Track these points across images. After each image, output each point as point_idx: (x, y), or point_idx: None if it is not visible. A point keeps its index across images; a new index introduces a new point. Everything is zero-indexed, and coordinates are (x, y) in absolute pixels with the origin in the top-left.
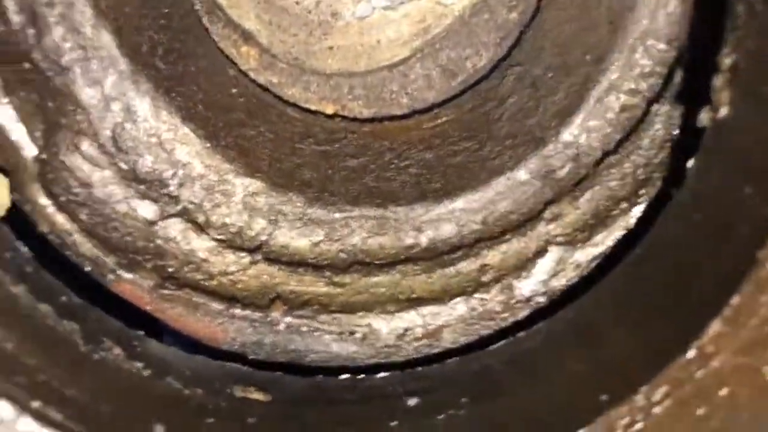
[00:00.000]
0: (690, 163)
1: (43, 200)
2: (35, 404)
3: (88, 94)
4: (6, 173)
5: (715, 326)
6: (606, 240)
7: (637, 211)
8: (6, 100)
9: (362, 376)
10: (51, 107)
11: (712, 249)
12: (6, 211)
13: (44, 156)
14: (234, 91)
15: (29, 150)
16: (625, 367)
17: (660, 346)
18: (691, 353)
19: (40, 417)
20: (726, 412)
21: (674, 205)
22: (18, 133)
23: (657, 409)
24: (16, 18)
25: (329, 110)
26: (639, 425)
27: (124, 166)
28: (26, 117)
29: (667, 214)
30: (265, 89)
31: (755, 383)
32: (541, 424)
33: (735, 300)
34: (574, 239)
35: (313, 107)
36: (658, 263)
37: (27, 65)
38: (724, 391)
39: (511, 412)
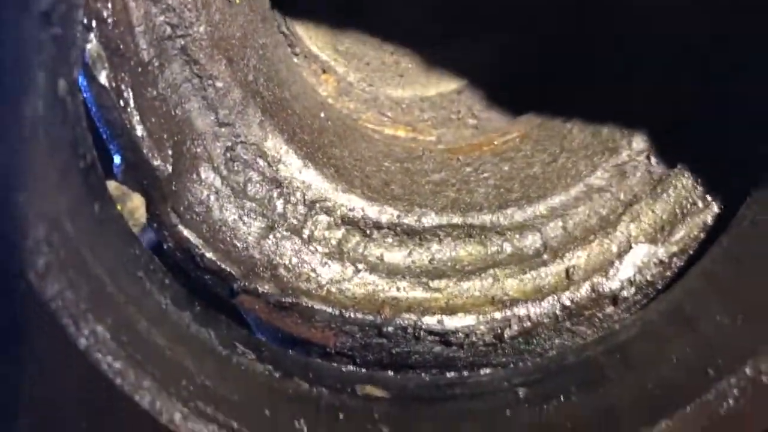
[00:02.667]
0: None
1: (173, 218)
2: (199, 404)
3: (203, 121)
4: (143, 194)
5: None
6: (685, 237)
7: (715, 208)
8: (141, 126)
9: (467, 373)
10: (174, 133)
11: None
12: (141, 229)
13: (171, 178)
14: (322, 114)
15: (161, 173)
16: (727, 343)
17: (760, 319)
18: None
19: (201, 415)
20: None
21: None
22: (153, 157)
23: (765, 378)
24: (145, 54)
25: (402, 133)
26: (749, 393)
27: (236, 185)
28: (157, 142)
29: (745, 211)
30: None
31: None
32: (652, 402)
33: None
34: (654, 238)
35: (387, 131)
36: (746, 250)
37: (153, 92)
38: None
39: (620, 395)
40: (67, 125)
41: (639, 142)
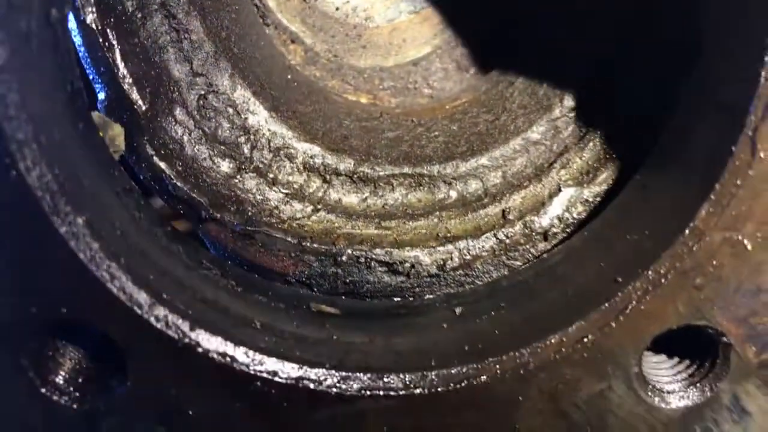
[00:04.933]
0: None
1: (149, 151)
2: (167, 296)
3: (179, 70)
4: (123, 125)
5: (704, 208)
6: (607, 179)
7: (632, 154)
8: (124, 66)
9: (412, 298)
10: (153, 77)
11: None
12: (120, 155)
13: (149, 116)
14: (289, 77)
15: (139, 107)
16: (635, 255)
17: (661, 233)
18: (687, 232)
19: (166, 304)
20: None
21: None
22: (132, 94)
23: (664, 281)
24: (129, 5)
25: (364, 100)
26: (651, 295)
27: (207, 129)
28: (137, 83)
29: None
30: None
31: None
32: (570, 308)
33: (718, 187)
34: (581, 181)
35: (350, 97)
36: (652, 181)
37: (135, 40)
38: (714, 261)
39: (543, 305)
40: (56, 51)
41: (569, 100)
